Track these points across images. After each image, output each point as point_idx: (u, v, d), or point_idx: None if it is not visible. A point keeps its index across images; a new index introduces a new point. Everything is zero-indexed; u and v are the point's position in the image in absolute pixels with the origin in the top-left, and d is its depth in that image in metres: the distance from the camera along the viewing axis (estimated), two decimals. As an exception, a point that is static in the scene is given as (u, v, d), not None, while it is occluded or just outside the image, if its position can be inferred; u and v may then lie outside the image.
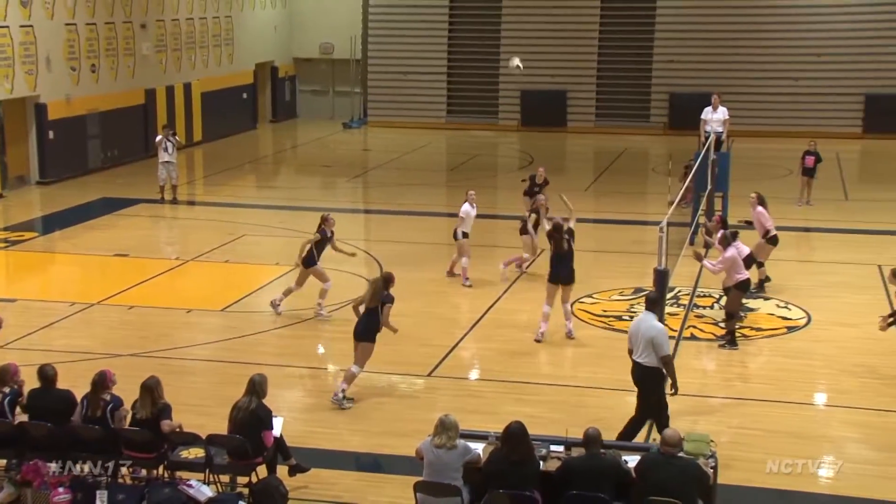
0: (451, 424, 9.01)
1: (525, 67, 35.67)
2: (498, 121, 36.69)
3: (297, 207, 23.86)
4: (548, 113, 35.80)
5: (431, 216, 23.28)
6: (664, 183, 23.89)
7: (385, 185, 27.25)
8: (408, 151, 32.19)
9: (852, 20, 33.67)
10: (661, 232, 12.01)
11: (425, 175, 28.73)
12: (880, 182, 27.49)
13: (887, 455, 11.14)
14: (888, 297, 16.27)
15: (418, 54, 36.91)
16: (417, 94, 37.01)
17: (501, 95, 36.70)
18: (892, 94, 33.21)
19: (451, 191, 27.44)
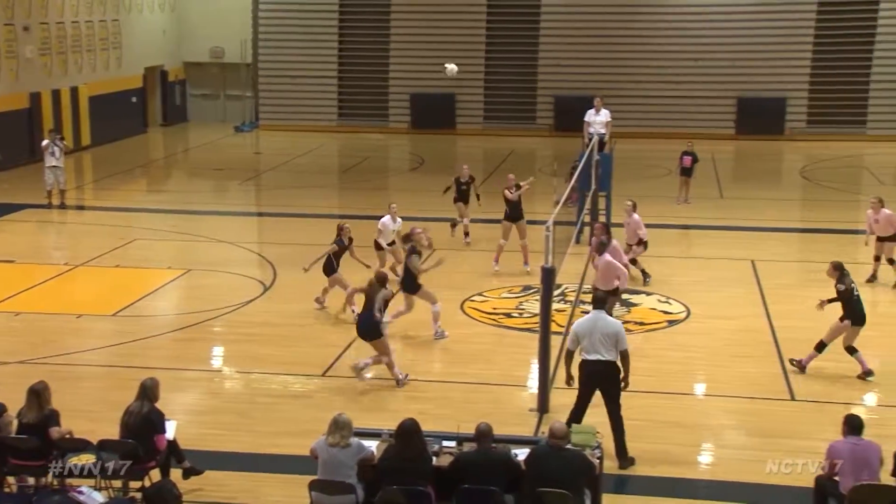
0: (344, 423, 8.99)
1: (415, 71, 35.93)
2: (388, 123, 36.68)
3: (189, 211, 23.49)
4: (437, 115, 35.94)
5: (324, 218, 23.11)
6: (550, 183, 24.19)
7: (277, 188, 26.99)
8: (300, 154, 31.95)
9: (726, 27, 34.60)
10: (548, 231, 12.15)
11: (317, 177, 28.56)
12: (752, 181, 28.35)
13: (760, 440, 11.48)
14: (760, 291, 16.81)
15: (309, 58, 36.65)
16: (308, 98, 36.75)
17: (391, 98, 36.70)
18: (762, 97, 34.28)
19: (343, 193, 27.37)
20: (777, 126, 34.29)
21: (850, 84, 34.11)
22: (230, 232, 21.50)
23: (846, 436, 9.13)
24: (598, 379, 10.71)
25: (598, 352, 10.69)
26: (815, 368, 13.41)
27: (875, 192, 25.89)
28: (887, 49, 33.67)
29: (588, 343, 10.75)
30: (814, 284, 17.42)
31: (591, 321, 10.90)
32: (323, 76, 36.76)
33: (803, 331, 14.89)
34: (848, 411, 9.68)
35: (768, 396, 12.65)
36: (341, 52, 36.98)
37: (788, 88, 34.35)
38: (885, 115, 33.93)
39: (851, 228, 22.32)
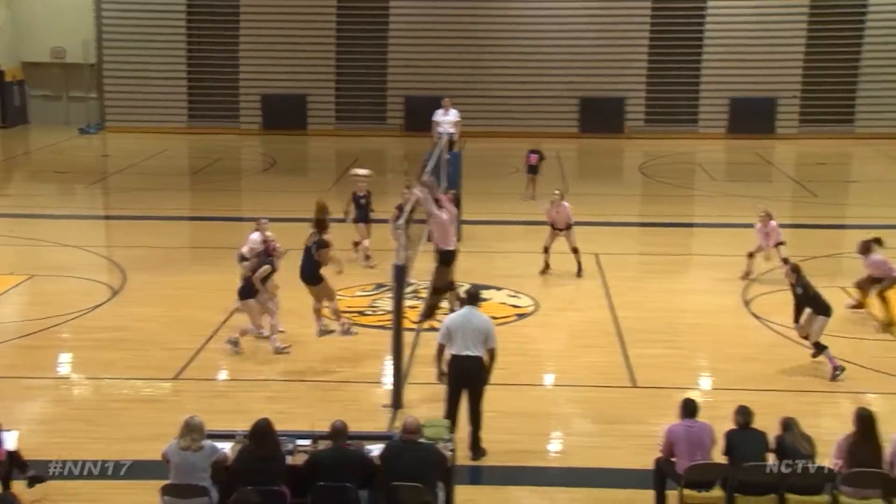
0: (195, 426, 8.83)
1: (265, 72, 35.45)
2: (239, 124, 36.11)
3: (31, 215, 22.59)
4: (288, 116, 35.57)
5: (174, 220, 22.64)
6: (402, 182, 24.27)
7: (126, 191, 26.21)
8: (148, 156, 31.11)
9: (568, 29, 35.39)
10: (399, 229, 12.21)
11: (168, 179, 27.88)
12: (596, 178, 29.13)
13: (605, 426, 11.82)
14: (604, 284, 17.27)
15: (156, 58, 35.68)
16: (157, 99, 35.80)
17: (242, 99, 36.14)
18: (603, 97, 35.23)
19: (194, 195, 26.80)
20: (617, 125, 35.31)
21: (683, 83, 35.38)
22: (76, 236, 20.78)
23: (682, 419, 9.50)
24: (466, 374, 10.75)
25: (469, 347, 10.72)
26: (652, 356, 13.88)
27: (709, 188, 27.11)
28: (715, 48, 35.05)
29: (459, 339, 10.76)
30: (653, 275, 18.11)
31: (462, 317, 10.92)
32: (171, 77, 35.88)
33: (644, 320, 15.45)
34: (684, 396, 10.03)
35: (612, 384, 13.02)
36: (190, 52, 36.18)
37: (627, 88, 35.41)
38: (715, 114, 35.36)
39: (687, 222, 23.24)
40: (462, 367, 10.75)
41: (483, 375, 10.81)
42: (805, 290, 13.19)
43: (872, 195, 25.81)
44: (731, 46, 34.84)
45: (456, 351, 10.80)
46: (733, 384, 12.87)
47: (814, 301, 13.18)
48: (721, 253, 19.42)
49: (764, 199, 23.19)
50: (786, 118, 35.23)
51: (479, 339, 10.76)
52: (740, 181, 28.33)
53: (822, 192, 26.00)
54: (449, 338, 10.86)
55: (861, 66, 34.82)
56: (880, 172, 29.26)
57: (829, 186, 26.99)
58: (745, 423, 9.35)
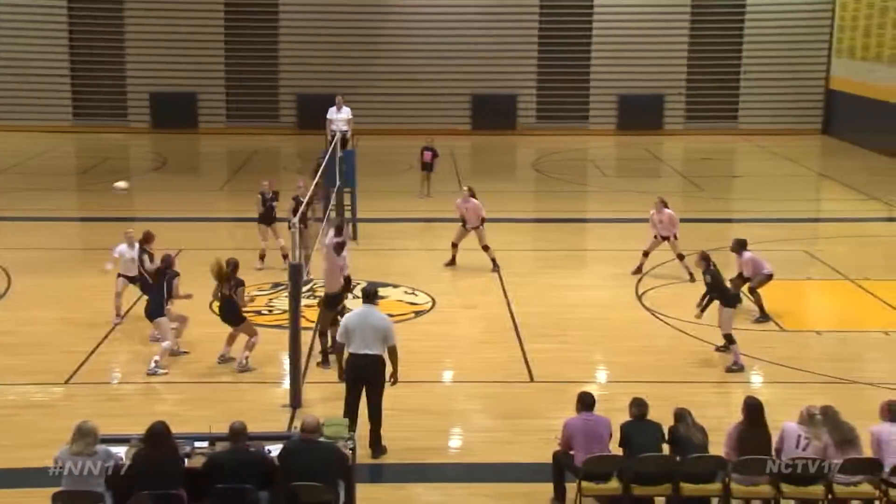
0: (88, 430, 8.60)
1: (154, 69, 34.70)
2: (128, 123, 35.28)
3: None
4: (178, 114, 34.90)
5: (62, 221, 22.02)
6: (294, 181, 24.07)
7: (9, 191, 25.34)
8: (32, 156, 30.15)
9: (458, 27, 35.55)
10: (293, 227, 12.11)
11: (54, 180, 27.06)
12: (489, 174, 29.32)
13: (504, 421, 11.93)
14: (500, 280, 17.42)
15: (37, 55, 34.58)
16: (40, 97, 34.71)
17: (130, 97, 35.31)
18: (494, 94, 35.52)
19: (82, 195, 26.08)
20: (509, 121, 35.66)
21: (573, 80, 35.91)
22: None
23: (580, 412, 9.65)
24: (364, 373, 10.71)
25: (367, 346, 10.67)
26: (549, 351, 14.07)
27: (599, 183, 27.58)
28: (603, 46, 35.68)
29: (358, 337, 10.71)
30: (548, 271, 18.34)
31: (361, 315, 10.87)
32: (54, 74, 34.84)
33: (540, 316, 15.64)
34: (580, 389, 10.19)
35: (510, 380, 13.15)
36: (73, 49, 35.17)
37: (518, 85, 35.78)
38: (604, 110, 36.01)
39: (580, 217, 23.60)
40: (360, 365, 10.72)
41: (382, 372, 10.79)
42: (713, 278, 13.52)
43: (756, 190, 26.63)
44: (619, 44, 35.52)
45: (354, 349, 10.77)
46: (628, 377, 13.15)
47: (721, 291, 13.50)
48: (614, 248, 19.79)
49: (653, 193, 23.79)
50: (672, 114, 36.10)
51: (377, 338, 10.74)
52: (630, 177, 28.93)
53: (707, 186, 26.72)
54: (347, 336, 10.82)
55: (742, 64, 35.88)
56: (763, 168, 30.21)
57: (715, 181, 27.75)
58: (640, 415, 9.55)
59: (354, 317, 10.94)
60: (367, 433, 10.75)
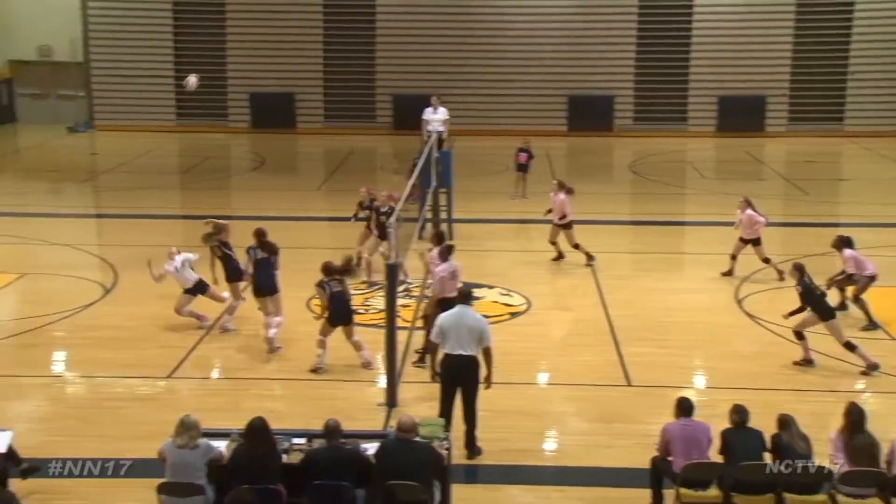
0: (191, 424, 8.81)
1: (254, 70, 35.37)
2: (228, 123, 36.04)
3: (22, 214, 22.49)
4: (277, 114, 35.53)
5: (165, 218, 22.58)
6: (391, 180, 24.27)
7: (116, 189, 26.13)
8: (138, 155, 31.02)
9: (555, 28, 35.43)
10: (391, 227, 12.18)
11: (157, 178, 27.80)
12: (585, 175, 29.09)
13: (599, 425, 11.83)
14: (596, 282, 17.29)
15: (144, 56, 35.60)
16: (145, 97, 35.71)
17: (230, 97, 36.07)
18: (590, 95, 35.27)
19: (184, 193, 26.74)
20: (606, 123, 35.37)
21: (671, 81, 35.46)
22: (67, 234, 20.71)
23: (678, 417, 9.51)
24: (459, 373, 10.73)
25: (462, 347, 10.68)
26: (647, 355, 13.91)
27: (699, 186, 27.17)
28: (703, 46, 35.16)
29: (453, 338, 10.72)
30: (645, 274, 18.13)
31: (456, 316, 10.88)
32: (159, 75, 35.78)
33: (638, 319, 15.47)
34: (679, 395, 10.05)
35: (607, 383, 13.03)
36: (177, 51, 36.07)
37: (615, 87, 35.46)
38: (704, 112, 35.46)
39: (678, 220, 23.29)
40: (455, 365, 10.73)
41: (477, 374, 10.80)
42: (806, 290, 13.18)
43: (863, 193, 25.92)
44: (720, 44, 34.96)
45: (449, 350, 10.78)
46: (728, 383, 12.92)
47: (814, 305, 13.14)
48: (712, 251, 19.42)
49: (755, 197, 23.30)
50: (775, 116, 35.36)
51: (472, 339, 10.75)
52: (730, 179, 28.41)
53: (812, 189, 26.10)
54: (442, 337, 10.85)
55: (850, 64, 34.96)
56: (870, 170, 29.39)
57: (820, 184, 27.10)
58: (741, 422, 9.36)
59: (450, 317, 10.96)
60: (462, 434, 10.77)
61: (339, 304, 13.17)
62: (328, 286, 13.17)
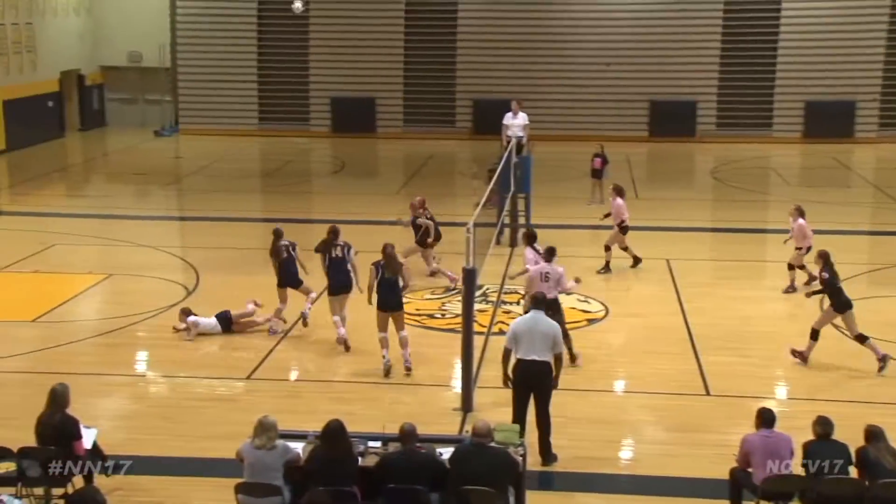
0: (270, 425, 8.92)
1: (335, 75, 35.77)
2: (309, 127, 36.48)
3: (110, 215, 23.05)
4: (358, 119, 35.84)
5: (247, 221, 22.93)
6: (470, 185, 24.31)
7: (200, 192, 26.65)
8: (221, 158, 31.60)
9: (637, 31, 35.13)
10: (469, 232, 12.20)
11: (240, 181, 28.27)
12: (666, 182, 28.85)
13: (676, 434, 11.69)
14: (675, 289, 17.11)
15: (228, 62, 36.25)
16: (229, 102, 36.34)
17: (312, 102, 36.50)
18: (673, 100, 34.88)
19: (266, 196, 27.14)
20: (688, 128, 34.94)
21: (756, 86, 34.90)
22: (152, 236, 21.18)
23: (759, 428, 9.34)
24: (533, 379, 10.71)
25: (536, 352, 10.67)
26: (727, 364, 13.71)
27: (783, 193, 26.65)
28: (790, 50, 34.52)
29: (526, 343, 10.71)
30: (726, 282, 17.87)
31: (530, 321, 10.87)
32: (243, 80, 36.39)
33: (718, 327, 15.27)
34: (760, 405, 9.87)
35: (685, 392, 12.87)
36: (261, 56, 36.65)
37: (698, 92, 35.02)
38: (790, 118, 34.80)
39: (760, 228, 22.88)
40: (529, 371, 10.71)
41: (550, 380, 10.77)
42: (831, 277, 13.35)
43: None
44: (808, 48, 34.26)
45: (522, 355, 10.75)
46: (810, 394, 12.68)
47: (833, 293, 13.34)
48: (796, 259, 19.07)
49: (843, 204, 22.77)
50: (865, 122, 34.54)
51: (546, 344, 10.72)
52: (817, 186, 27.83)
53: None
54: (515, 342, 10.84)
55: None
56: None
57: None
58: (825, 434, 9.14)
59: (523, 323, 10.94)
60: (536, 440, 10.74)
61: (385, 289, 13.25)
62: (380, 268, 13.28)
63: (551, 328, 10.83)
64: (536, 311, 11.00)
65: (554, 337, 10.76)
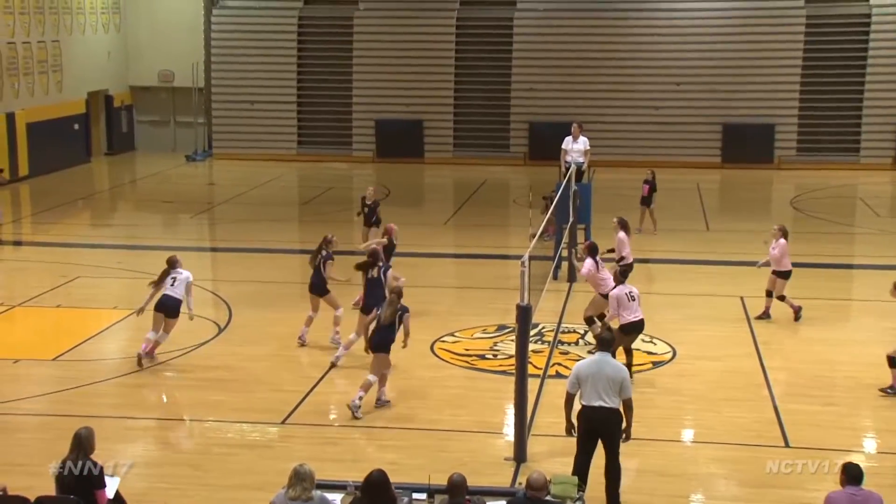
0: (306, 474, 8.91)
1: (380, 96, 36.06)
2: (352, 152, 36.76)
3: (137, 246, 23.38)
4: (404, 143, 36.05)
5: (282, 253, 23.12)
6: (525, 215, 24.30)
7: (233, 221, 26.94)
8: (256, 185, 31.94)
9: (709, 49, 35.09)
10: (524, 266, 12.19)
11: (276, 210, 28.55)
12: (740, 212, 28.61)
13: (752, 490, 11.52)
14: (750, 330, 16.93)
15: (266, 83, 36.73)
16: (266, 125, 36.79)
17: (355, 126, 36.80)
18: (748, 123, 34.70)
19: (303, 226, 27.37)
20: (766, 153, 34.70)
21: (841, 110, 34.61)
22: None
23: (844, 486, 9.16)
24: (600, 427, 10.65)
25: (601, 398, 10.63)
26: (809, 413, 13.51)
27: (871, 224, 26.32)
28: (879, 73, 34.22)
29: (591, 388, 10.68)
30: (807, 322, 17.63)
31: (595, 364, 10.84)
32: (281, 101, 36.85)
33: (798, 372, 15.07)
34: (845, 459, 9.70)
35: (761, 443, 12.70)
36: (301, 76, 37.09)
37: (777, 115, 34.80)
38: (880, 142, 34.45)
39: (845, 263, 22.60)
40: (594, 418, 10.66)
41: (619, 427, 10.71)
42: None
43: None
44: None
45: (586, 401, 10.71)
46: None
47: None
48: (886, 298, 18.74)
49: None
50: (961, 148, 34.12)
51: (612, 389, 10.66)
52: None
53: None
54: (579, 386, 10.79)
55: None
56: None
57: None
58: (916, 492, 8.99)
59: (588, 365, 10.89)
60: (599, 493, 10.64)
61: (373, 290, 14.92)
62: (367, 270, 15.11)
63: (619, 372, 10.77)
64: (603, 353, 10.96)
65: (622, 381, 10.70)
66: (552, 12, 36.13)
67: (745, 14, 35.25)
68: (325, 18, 37.16)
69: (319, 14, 37.22)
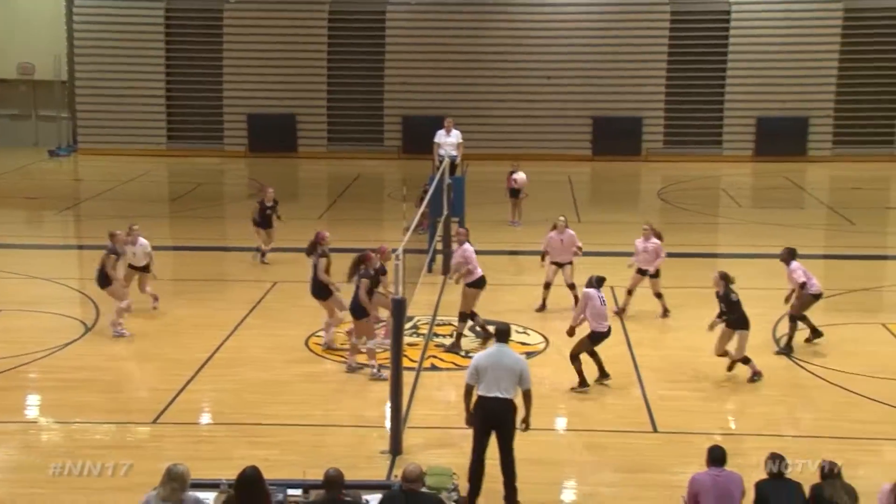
0: (178, 475, 8.77)
1: (251, 90, 35.66)
2: (224, 147, 36.28)
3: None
4: (277, 137, 35.76)
5: (154, 250, 22.64)
6: (400, 209, 24.35)
7: (100, 218, 26.25)
8: (125, 180, 31.25)
9: (579, 44, 35.65)
10: (398, 259, 12.23)
11: (146, 206, 27.95)
12: (610, 203, 29.20)
13: (625, 475, 11.78)
14: (621, 318, 17.29)
15: (133, 75, 35.95)
16: (134, 119, 36.04)
17: (226, 120, 36.34)
18: (617, 116, 35.39)
19: (174, 222, 26.87)
20: (634, 146, 35.47)
21: (706, 102, 35.58)
22: (46, 267, 20.83)
23: (708, 467, 9.47)
24: (495, 418, 10.71)
25: (500, 389, 10.69)
26: (675, 399, 13.88)
27: (733, 214, 27.13)
28: (739, 68, 35.27)
29: (489, 379, 10.73)
30: (675, 312, 18.05)
31: (494, 355, 10.90)
32: (149, 95, 36.13)
33: (665, 359, 15.44)
34: (709, 442, 10.01)
35: (631, 429, 12.99)
36: (169, 69, 36.42)
37: (644, 108, 35.58)
38: (740, 135, 35.53)
39: (708, 252, 23.26)
40: (490, 409, 10.72)
41: (513, 419, 10.79)
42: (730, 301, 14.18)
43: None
44: (758, 62, 35.07)
45: (484, 392, 10.77)
46: (763, 429, 12.86)
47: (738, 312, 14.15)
48: (750, 286, 19.33)
49: (796, 227, 23.23)
50: (818, 139, 35.40)
51: (511, 380, 10.74)
52: (769, 207, 28.42)
53: (859, 219, 26.05)
54: (477, 377, 10.85)
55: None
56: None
57: (867, 213, 27.05)
58: (777, 473, 9.31)
59: (486, 357, 10.94)
60: (496, 485, 10.72)
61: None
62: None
63: (517, 363, 10.86)
64: (500, 343, 11.04)
65: (521, 372, 10.78)
66: (425, 5, 36.22)
67: (613, 9, 35.89)
68: (194, 10, 36.53)
69: (188, 6, 36.56)
